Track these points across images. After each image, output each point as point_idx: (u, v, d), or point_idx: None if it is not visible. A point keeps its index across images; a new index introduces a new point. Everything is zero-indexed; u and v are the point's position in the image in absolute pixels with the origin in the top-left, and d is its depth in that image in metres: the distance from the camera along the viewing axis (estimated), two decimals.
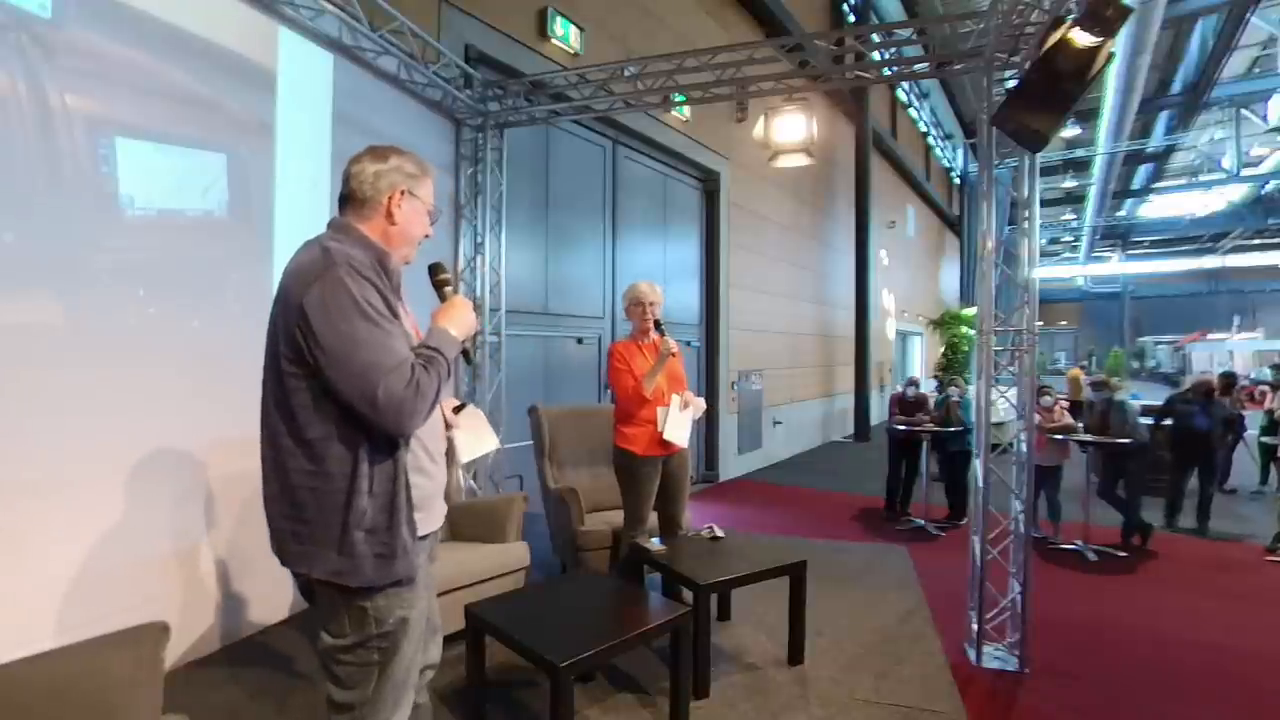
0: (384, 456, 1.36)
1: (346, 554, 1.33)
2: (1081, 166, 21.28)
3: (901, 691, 2.67)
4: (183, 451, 2.74)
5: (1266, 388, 7.54)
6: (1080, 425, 5.04)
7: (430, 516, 1.52)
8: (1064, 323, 37.43)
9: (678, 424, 3.10)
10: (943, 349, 14.21)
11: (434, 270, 1.59)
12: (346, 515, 1.32)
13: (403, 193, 1.48)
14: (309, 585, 1.45)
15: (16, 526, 2.19)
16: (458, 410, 1.75)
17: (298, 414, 1.34)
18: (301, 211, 3.24)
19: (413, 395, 1.30)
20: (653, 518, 3.29)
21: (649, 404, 3.07)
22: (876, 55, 4.80)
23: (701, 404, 3.22)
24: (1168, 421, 5.56)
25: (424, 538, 1.50)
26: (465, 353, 1.52)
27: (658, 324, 3.13)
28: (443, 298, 1.54)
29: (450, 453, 1.68)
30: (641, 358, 3.14)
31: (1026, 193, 2.99)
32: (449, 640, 2.66)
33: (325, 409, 1.33)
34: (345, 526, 1.32)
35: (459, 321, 1.47)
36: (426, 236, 1.57)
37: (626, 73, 3.87)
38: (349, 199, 1.48)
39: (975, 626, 2.98)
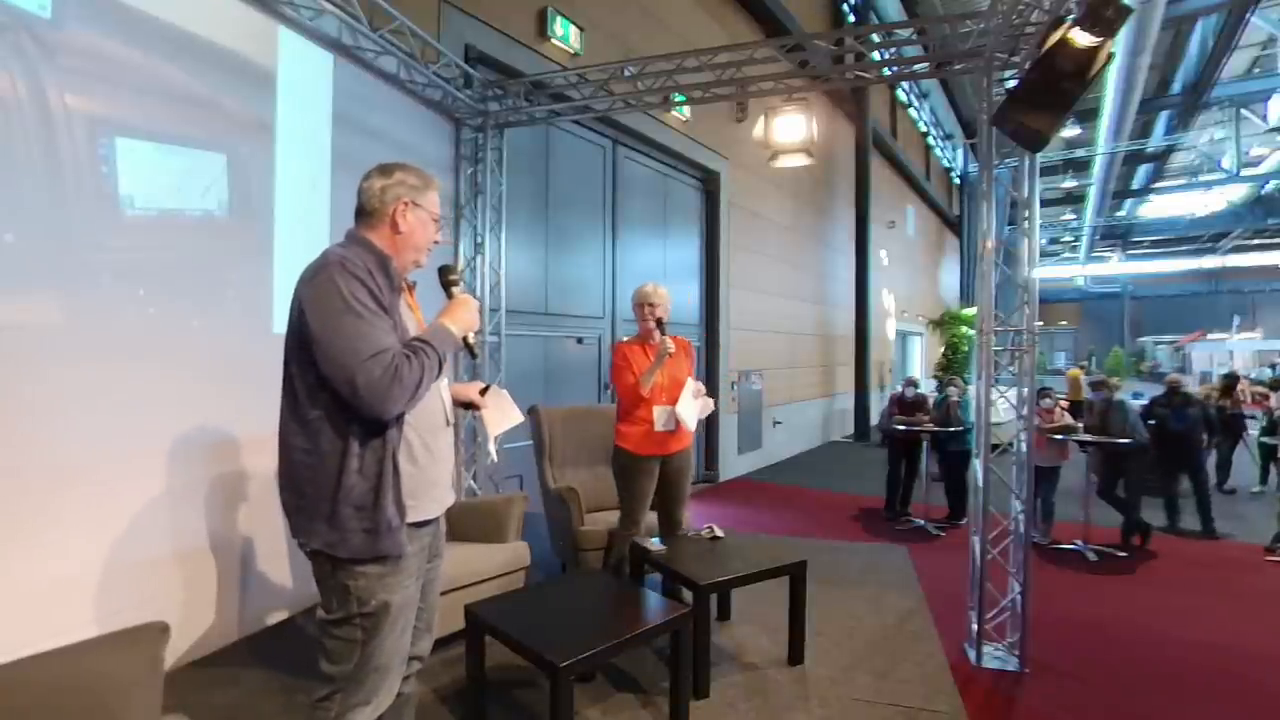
0: (373, 439, 1.46)
1: (336, 527, 1.44)
2: (1081, 166, 21.28)
3: (901, 691, 2.68)
4: (183, 451, 2.73)
5: (1265, 388, 7.54)
6: (1080, 425, 5.04)
7: (421, 506, 1.59)
8: (1064, 323, 37.40)
9: (688, 406, 3.11)
10: (943, 349, 14.22)
11: (443, 272, 1.73)
12: (337, 491, 1.43)
13: (406, 204, 1.58)
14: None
15: (16, 527, 2.19)
16: (483, 392, 1.88)
17: (299, 398, 1.47)
18: (301, 211, 3.24)
19: (389, 381, 1.39)
20: (651, 517, 3.29)
21: (646, 402, 3.08)
22: (876, 55, 4.80)
23: (710, 404, 3.23)
24: (1150, 422, 5.59)
25: (418, 525, 1.59)
26: (468, 346, 1.64)
27: (660, 323, 3.14)
28: (450, 297, 1.67)
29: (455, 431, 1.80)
30: (643, 357, 3.16)
31: (1026, 193, 2.99)
32: (450, 640, 2.68)
33: (322, 394, 1.45)
34: (335, 502, 1.44)
35: (458, 318, 1.60)
36: (436, 243, 1.68)
37: (626, 73, 3.87)
38: (360, 212, 1.61)
39: (975, 626, 2.98)
